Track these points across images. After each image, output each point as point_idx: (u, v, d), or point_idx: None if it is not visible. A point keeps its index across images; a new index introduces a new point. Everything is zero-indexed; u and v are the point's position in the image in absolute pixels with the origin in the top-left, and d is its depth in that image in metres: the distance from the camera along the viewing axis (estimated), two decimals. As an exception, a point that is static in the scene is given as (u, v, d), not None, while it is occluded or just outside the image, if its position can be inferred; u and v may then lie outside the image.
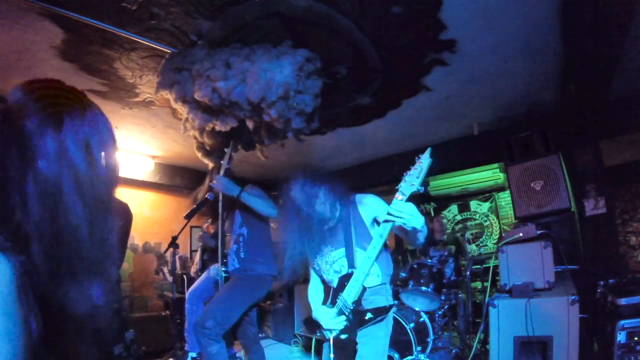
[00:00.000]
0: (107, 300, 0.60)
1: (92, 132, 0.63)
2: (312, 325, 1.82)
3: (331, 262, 1.81)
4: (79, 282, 0.56)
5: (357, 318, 1.68)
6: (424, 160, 1.48)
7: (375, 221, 1.79)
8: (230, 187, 2.50)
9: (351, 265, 1.73)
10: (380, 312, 1.68)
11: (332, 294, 1.79)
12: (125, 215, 2.46)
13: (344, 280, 1.72)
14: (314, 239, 1.78)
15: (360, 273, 1.65)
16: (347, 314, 1.69)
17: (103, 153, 0.64)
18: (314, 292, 1.95)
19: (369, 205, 1.80)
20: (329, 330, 1.74)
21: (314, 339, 3.00)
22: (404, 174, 1.51)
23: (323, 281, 1.90)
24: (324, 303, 1.82)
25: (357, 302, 1.68)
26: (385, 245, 1.83)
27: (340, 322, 1.71)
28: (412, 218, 1.49)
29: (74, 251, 0.55)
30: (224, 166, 2.57)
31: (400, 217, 1.49)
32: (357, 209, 1.81)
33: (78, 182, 0.57)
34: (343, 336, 1.72)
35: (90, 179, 0.59)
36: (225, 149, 2.62)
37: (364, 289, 1.68)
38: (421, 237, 1.63)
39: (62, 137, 0.58)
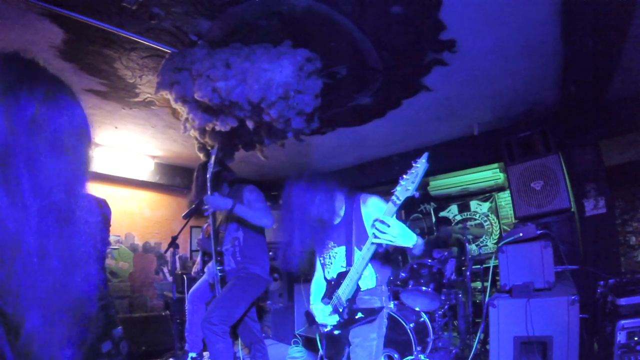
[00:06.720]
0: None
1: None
2: (310, 318, 1.84)
3: (334, 258, 1.84)
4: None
5: (349, 316, 1.70)
6: (420, 165, 1.43)
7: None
8: (222, 204, 2.49)
9: (349, 263, 1.75)
10: (370, 313, 1.70)
11: (330, 289, 1.82)
12: (101, 210, 2.44)
13: (340, 277, 1.74)
14: (313, 238, 1.80)
15: (354, 272, 1.65)
16: (340, 311, 1.71)
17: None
18: (316, 285, 1.98)
19: (370, 207, 1.81)
20: (323, 324, 1.76)
21: (318, 338, 3.02)
22: (400, 177, 1.48)
23: (325, 277, 1.92)
24: (323, 298, 1.85)
25: (351, 301, 1.69)
26: (386, 249, 1.84)
27: (333, 319, 1.72)
28: (398, 239, 1.47)
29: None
30: (210, 169, 2.54)
31: (386, 239, 1.47)
32: (359, 208, 1.82)
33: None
34: (336, 332, 1.74)
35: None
36: (211, 151, 2.57)
37: (358, 288, 1.69)
38: (416, 252, 1.61)
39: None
